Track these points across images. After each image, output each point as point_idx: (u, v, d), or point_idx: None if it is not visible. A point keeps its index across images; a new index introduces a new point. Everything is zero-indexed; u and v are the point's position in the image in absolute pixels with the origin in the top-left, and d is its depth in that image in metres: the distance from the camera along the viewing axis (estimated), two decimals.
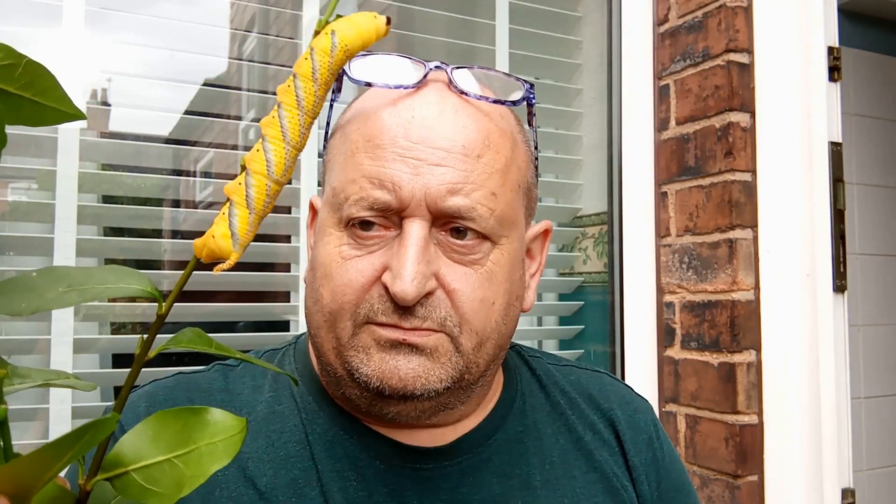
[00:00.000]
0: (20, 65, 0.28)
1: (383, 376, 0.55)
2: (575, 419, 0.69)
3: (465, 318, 0.57)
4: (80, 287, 0.32)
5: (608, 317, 1.57)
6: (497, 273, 0.59)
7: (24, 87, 0.28)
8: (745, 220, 1.33)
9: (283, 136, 0.40)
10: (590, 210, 1.66)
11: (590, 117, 1.67)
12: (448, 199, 0.55)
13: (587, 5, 1.72)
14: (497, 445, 0.64)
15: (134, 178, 1.30)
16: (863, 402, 2.23)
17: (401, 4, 1.48)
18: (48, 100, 0.29)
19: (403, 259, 0.54)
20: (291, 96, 0.40)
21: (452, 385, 0.58)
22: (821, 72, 1.34)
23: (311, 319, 0.61)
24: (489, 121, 0.59)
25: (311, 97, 0.40)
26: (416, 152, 0.56)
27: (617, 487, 0.66)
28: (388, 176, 0.55)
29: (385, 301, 0.56)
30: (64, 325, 1.12)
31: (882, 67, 2.34)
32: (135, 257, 1.32)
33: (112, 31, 1.24)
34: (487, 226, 0.57)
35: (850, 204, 2.14)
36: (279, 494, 0.58)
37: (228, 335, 1.32)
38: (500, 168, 0.58)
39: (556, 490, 0.64)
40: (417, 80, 0.58)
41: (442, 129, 0.57)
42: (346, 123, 0.61)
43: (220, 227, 0.40)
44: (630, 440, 0.70)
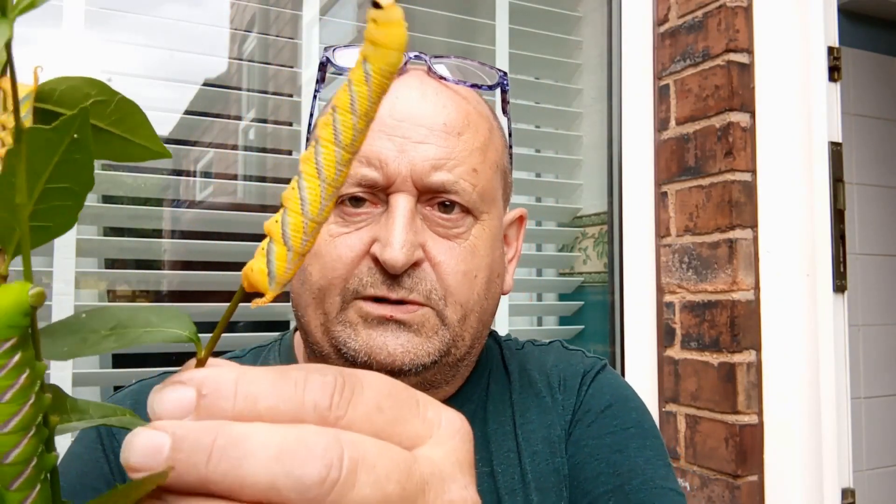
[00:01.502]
0: (112, 101, 0.28)
1: (371, 351, 0.57)
2: (528, 388, 0.70)
3: (450, 290, 0.59)
4: (122, 330, 0.32)
5: (608, 317, 1.57)
6: (479, 247, 0.61)
7: (114, 123, 0.29)
8: (745, 220, 1.33)
9: (317, 173, 0.40)
10: (590, 210, 1.66)
11: (590, 117, 1.67)
12: (433, 175, 0.58)
13: (587, 5, 1.72)
14: (465, 415, 0.66)
15: (134, 178, 1.30)
16: (863, 402, 2.23)
17: (401, 4, 1.48)
18: (137, 137, 0.30)
19: (392, 228, 0.57)
20: (329, 130, 0.39)
21: (440, 359, 0.59)
22: (821, 72, 1.34)
23: (299, 300, 0.62)
24: (467, 103, 0.63)
25: (349, 130, 0.39)
26: (401, 130, 0.58)
27: (555, 441, 0.66)
28: (374, 153, 0.58)
29: (374, 273, 0.58)
30: None
31: (882, 67, 2.34)
32: (135, 257, 1.32)
33: (112, 31, 1.24)
34: (471, 199, 0.60)
35: (850, 204, 2.14)
36: None
37: (228, 335, 1.32)
38: (479, 146, 0.61)
39: (502, 445, 0.66)
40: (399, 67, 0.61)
41: (424, 108, 0.60)
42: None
43: (258, 263, 0.40)
44: (562, 387, 0.70)
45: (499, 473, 0.64)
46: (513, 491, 0.63)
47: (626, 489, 0.63)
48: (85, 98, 0.28)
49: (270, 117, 1.46)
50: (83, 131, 0.25)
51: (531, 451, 0.65)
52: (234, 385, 0.24)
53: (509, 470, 0.64)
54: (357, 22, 1.59)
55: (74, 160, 0.25)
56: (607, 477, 0.64)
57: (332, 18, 1.53)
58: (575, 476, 0.65)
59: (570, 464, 0.65)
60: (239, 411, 0.23)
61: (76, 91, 0.27)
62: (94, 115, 0.28)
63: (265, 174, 1.45)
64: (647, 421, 0.70)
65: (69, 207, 0.26)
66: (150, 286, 1.36)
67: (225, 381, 0.24)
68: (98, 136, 0.29)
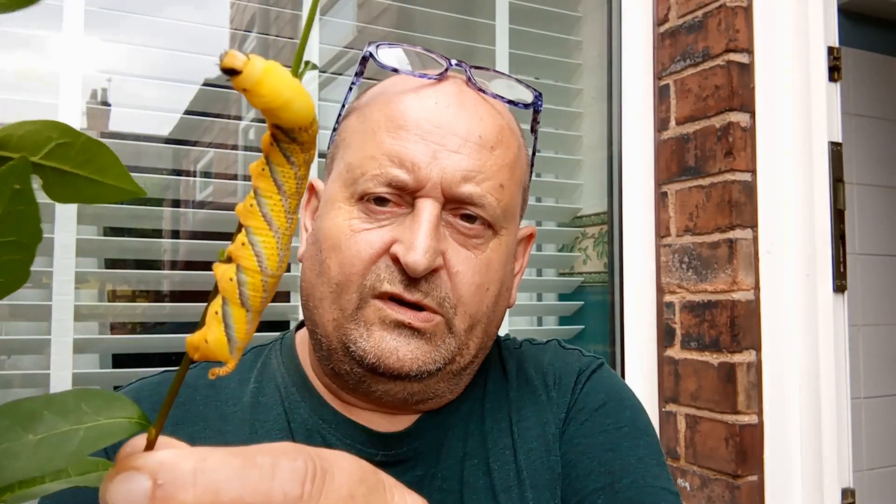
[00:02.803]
0: (77, 143, 0.27)
1: (381, 354, 0.57)
2: (524, 386, 0.71)
3: (462, 300, 0.60)
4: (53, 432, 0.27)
5: (608, 317, 1.57)
6: (494, 261, 0.62)
7: (80, 165, 0.28)
8: (745, 220, 1.33)
9: (268, 225, 0.35)
10: (590, 210, 1.66)
11: (590, 117, 1.67)
12: (462, 186, 0.58)
13: (587, 5, 1.72)
14: (462, 413, 0.67)
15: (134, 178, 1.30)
16: (863, 402, 2.23)
17: (401, 4, 1.48)
18: (107, 177, 0.29)
19: (417, 232, 0.57)
20: (269, 181, 0.35)
21: (444, 366, 0.60)
22: (821, 72, 1.34)
23: (314, 291, 0.61)
24: (502, 118, 0.63)
25: (291, 180, 0.35)
26: (436, 136, 0.59)
27: (549, 439, 0.66)
28: (408, 156, 0.58)
29: (392, 271, 0.58)
30: (64, 325, 1.13)
31: (882, 67, 2.34)
32: (135, 257, 1.32)
33: (112, 32, 1.24)
34: (495, 215, 0.60)
35: (850, 204, 2.14)
36: None
37: None
38: (508, 163, 0.62)
39: (498, 442, 0.66)
40: (440, 73, 0.62)
41: (462, 118, 0.60)
42: (364, 105, 0.63)
43: (215, 332, 0.35)
44: (559, 386, 0.70)
45: (495, 470, 0.65)
46: (508, 488, 0.64)
47: (616, 487, 0.62)
48: (46, 142, 0.26)
49: None
50: (24, 181, 0.23)
51: (526, 449, 0.66)
52: (192, 473, 0.22)
53: (505, 467, 0.65)
54: (357, 22, 1.59)
55: (19, 212, 0.23)
56: (598, 475, 0.63)
57: (332, 18, 1.53)
58: (567, 474, 0.65)
59: (562, 461, 0.65)
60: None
61: (36, 135, 0.26)
62: (58, 159, 0.27)
63: None
64: (642, 420, 0.69)
65: (19, 261, 0.25)
66: (150, 286, 1.36)
67: (183, 468, 0.22)
68: (64, 179, 0.27)
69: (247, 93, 0.29)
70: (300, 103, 0.31)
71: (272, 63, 0.30)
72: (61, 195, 0.28)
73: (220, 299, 0.34)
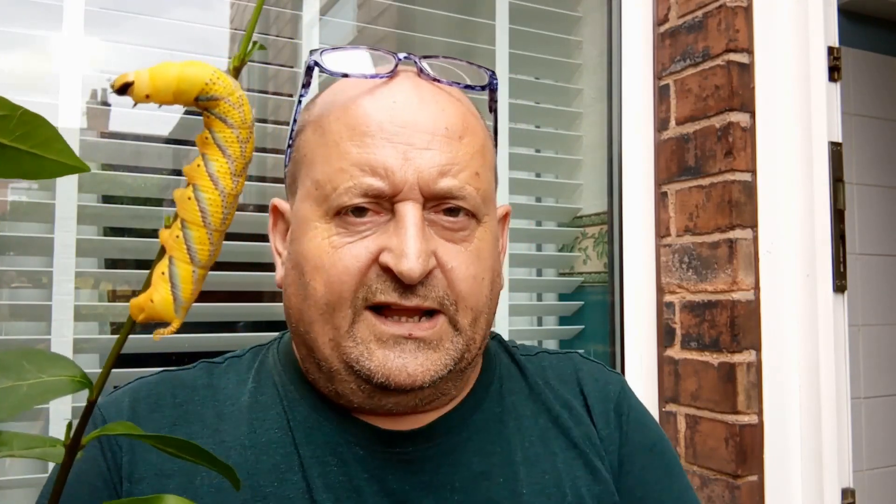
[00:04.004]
0: (15, 116, 0.27)
1: (389, 374, 0.56)
2: (552, 399, 0.70)
3: (461, 295, 0.58)
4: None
5: (608, 317, 1.57)
6: (483, 250, 0.61)
7: (19, 139, 0.27)
8: (745, 220, 1.33)
9: (213, 185, 0.36)
10: (590, 210, 1.66)
11: (590, 117, 1.67)
12: (439, 181, 0.57)
13: (587, 5, 1.71)
14: (476, 425, 0.65)
15: (134, 178, 1.30)
16: (863, 402, 2.23)
17: (401, 4, 1.48)
18: (48, 152, 0.28)
19: (405, 238, 0.55)
20: (213, 147, 0.36)
21: (454, 367, 0.59)
22: (821, 72, 1.34)
23: (302, 316, 0.60)
24: (462, 105, 0.62)
25: (234, 144, 0.36)
26: (403, 137, 0.57)
27: (595, 464, 0.67)
28: (379, 162, 0.56)
29: (384, 280, 0.56)
30: (64, 325, 1.13)
31: (882, 67, 2.34)
32: (135, 257, 1.32)
33: (112, 32, 1.24)
34: (476, 204, 0.59)
35: (850, 204, 2.14)
36: (261, 480, 0.59)
37: (228, 335, 1.32)
38: (478, 149, 0.61)
39: (536, 465, 0.65)
40: (391, 70, 0.60)
41: (424, 114, 0.58)
42: (319, 117, 0.61)
43: (161, 292, 0.36)
44: (600, 413, 0.70)
45: (524, 494, 0.63)
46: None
47: None
48: None
49: (270, 117, 1.46)
50: None
51: (572, 477, 0.65)
52: None
53: (545, 493, 0.63)
54: (357, 22, 1.59)
55: None
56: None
57: (332, 18, 1.53)
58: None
59: (622, 499, 0.67)
60: None
61: None
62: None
63: (265, 174, 1.45)
64: (672, 448, 0.74)
65: None
66: None
67: None
68: (3, 153, 0.27)
69: (150, 97, 0.32)
70: (190, 71, 0.35)
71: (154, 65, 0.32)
72: (1, 170, 0.27)
73: (167, 260, 0.35)
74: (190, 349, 1.21)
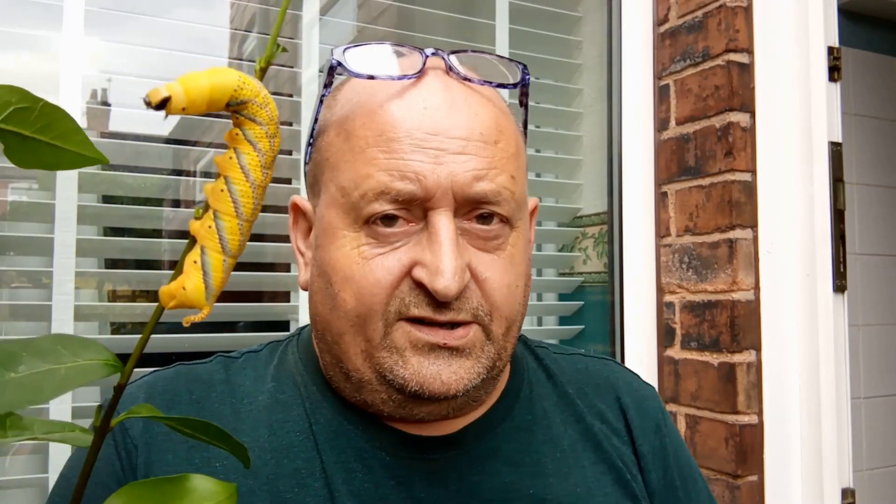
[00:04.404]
0: (36, 108, 0.27)
1: (423, 381, 0.54)
2: (583, 408, 0.68)
3: (496, 305, 0.56)
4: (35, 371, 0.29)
5: (608, 317, 1.57)
6: (516, 256, 0.59)
7: (40, 130, 0.27)
8: (745, 220, 1.33)
9: (245, 177, 0.38)
10: (590, 210, 1.66)
11: (590, 117, 1.67)
12: (475, 186, 0.54)
13: (587, 5, 1.72)
14: (505, 434, 0.63)
15: (134, 178, 1.30)
16: (863, 402, 2.23)
17: (401, 4, 1.48)
18: (68, 143, 0.28)
19: (440, 254, 0.53)
20: (244, 143, 0.39)
21: (486, 375, 0.57)
22: (821, 72, 1.34)
23: (330, 327, 0.58)
24: (495, 106, 0.59)
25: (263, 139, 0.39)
26: (434, 143, 0.54)
27: (626, 478, 0.65)
28: (409, 167, 0.53)
29: (417, 294, 0.54)
30: (64, 325, 1.13)
31: (882, 67, 2.34)
32: (135, 257, 1.32)
33: (112, 32, 1.24)
34: (510, 209, 0.57)
35: (850, 204, 2.13)
36: (281, 485, 0.57)
37: (228, 335, 1.32)
38: (513, 152, 0.58)
39: (567, 479, 0.63)
40: (418, 70, 0.57)
41: (457, 119, 0.56)
42: (344, 120, 0.58)
43: (193, 279, 0.37)
44: (639, 428, 0.69)
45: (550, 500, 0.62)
46: None
47: None
48: (5, 106, 0.26)
49: None
50: None
51: (603, 493, 0.64)
52: None
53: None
54: (357, 22, 1.59)
55: None
56: None
57: (332, 18, 1.53)
58: None
59: None
60: None
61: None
62: (17, 123, 0.27)
63: None
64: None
65: None
66: (150, 286, 1.36)
67: None
68: (24, 144, 0.27)
69: (186, 110, 0.33)
70: (220, 80, 0.36)
71: (184, 75, 0.34)
72: (23, 160, 0.28)
73: (199, 249, 0.37)
74: (190, 349, 1.21)
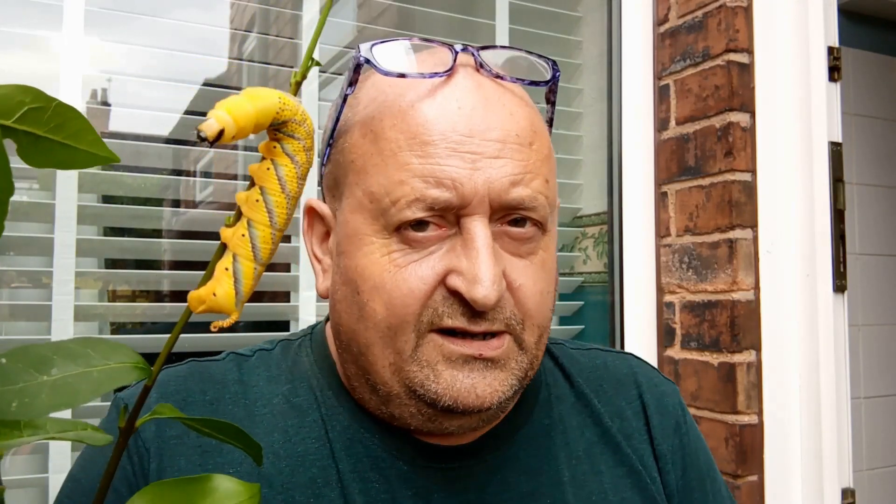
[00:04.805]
0: (49, 108, 0.27)
1: (458, 395, 0.52)
2: (601, 408, 0.67)
3: (529, 314, 0.55)
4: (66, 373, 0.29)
5: (608, 317, 1.57)
6: (547, 261, 0.57)
7: (53, 130, 0.28)
8: (745, 220, 1.33)
9: (282, 189, 0.39)
10: (590, 210, 1.66)
11: (590, 117, 1.67)
12: (511, 192, 0.52)
13: (587, 5, 1.72)
14: (523, 441, 0.62)
15: (134, 178, 1.30)
16: (863, 402, 2.23)
17: (401, 4, 1.48)
18: (80, 143, 0.29)
19: (478, 263, 0.51)
20: (282, 156, 0.40)
21: (519, 386, 0.55)
22: (821, 72, 1.34)
23: (357, 337, 0.55)
24: (528, 105, 0.58)
25: (301, 152, 0.40)
26: (470, 146, 0.52)
27: (646, 482, 0.64)
28: (445, 174, 0.51)
29: (451, 304, 0.52)
30: (64, 325, 1.13)
31: (882, 67, 2.34)
32: (135, 257, 1.32)
33: (112, 32, 1.24)
34: (545, 214, 0.55)
35: (850, 204, 2.14)
36: (296, 494, 0.56)
37: (228, 335, 1.32)
38: (547, 153, 0.57)
39: (583, 487, 0.62)
40: (449, 67, 0.54)
41: (492, 119, 0.53)
42: (369, 120, 0.55)
43: (224, 286, 0.38)
44: (658, 426, 0.68)
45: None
46: None
47: None
48: (19, 106, 0.26)
49: None
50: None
51: (620, 498, 0.63)
52: None
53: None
54: (356, 22, 1.59)
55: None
56: None
57: (332, 18, 1.53)
58: None
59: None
60: None
61: (9, 99, 0.26)
62: (31, 123, 0.27)
63: None
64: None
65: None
66: (150, 286, 1.36)
67: None
68: (37, 144, 0.27)
69: (235, 137, 0.35)
70: (264, 105, 0.37)
71: (227, 102, 0.35)
72: (36, 160, 0.28)
73: (231, 256, 0.38)
74: (190, 349, 1.21)
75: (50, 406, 0.27)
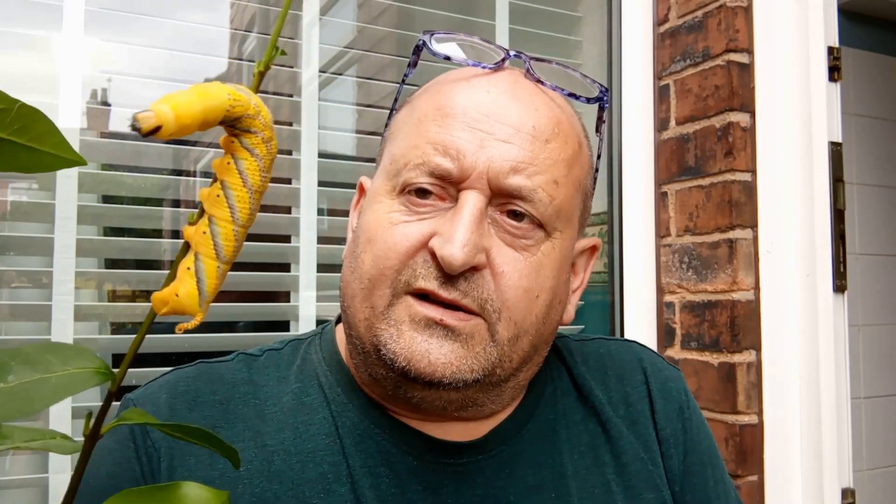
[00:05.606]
0: (12, 109, 0.27)
1: (412, 357, 0.53)
2: (604, 400, 0.67)
3: (507, 304, 0.54)
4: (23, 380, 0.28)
5: (608, 317, 1.57)
6: (546, 265, 0.56)
7: (17, 132, 0.27)
8: (745, 220, 1.33)
9: (243, 182, 0.38)
10: None
11: (590, 117, 1.67)
12: (510, 177, 0.54)
13: (587, 5, 1.72)
14: (530, 435, 0.62)
15: (134, 178, 1.30)
16: (863, 402, 2.23)
17: (401, 4, 1.48)
18: (45, 145, 0.28)
19: (456, 224, 0.52)
20: (242, 150, 0.39)
21: (483, 378, 0.55)
22: (821, 72, 1.34)
23: (347, 290, 0.58)
24: (561, 112, 0.59)
25: (260, 145, 0.39)
26: (485, 125, 0.54)
27: (648, 469, 0.65)
28: (452, 143, 0.54)
29: (429, 266, 0.53)
30: (64, 325, 1.13)
31: (882, 67, 2.34)
32: (135, 257, 1.32)
33: (112, 32, 1.24)
34: (546, 213, 0.55)
35: (850, 204, 2.14)
36: (306, 490, 0.56)
37: (228, 335, 1.32)
38: (565, 158, 0.57)
39: (586, 480, 0.62)
40: (496, 63, 0.59)
41: (514, 107, 0.56)
42: (415, 98, 0.61)
43: (186, 286, 0.37)
44: (661, 411, 0.68)
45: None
46: None
47: None
48: None
49: None
50: None
51: (625, 486, 0.63)
52: None
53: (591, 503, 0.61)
54: (356, 22, 1.59)
55: None
56: None
57: (332, 18, 1.53)
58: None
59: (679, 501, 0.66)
60: None
61: None
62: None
63: None
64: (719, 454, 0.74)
65: None
66: (150, 286, 1.36)
67: None
68: (0, 147, 0.26)
69: (174, 135, 0.33)
70: (212, 104, 0.35)
71: (174, 97, 0.33)
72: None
73: (193, 256, 0.37)
74: (190, 349, 1.21)
75: (3, 415, 0.26)
